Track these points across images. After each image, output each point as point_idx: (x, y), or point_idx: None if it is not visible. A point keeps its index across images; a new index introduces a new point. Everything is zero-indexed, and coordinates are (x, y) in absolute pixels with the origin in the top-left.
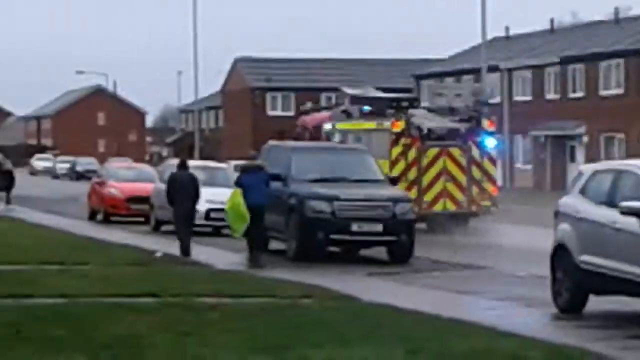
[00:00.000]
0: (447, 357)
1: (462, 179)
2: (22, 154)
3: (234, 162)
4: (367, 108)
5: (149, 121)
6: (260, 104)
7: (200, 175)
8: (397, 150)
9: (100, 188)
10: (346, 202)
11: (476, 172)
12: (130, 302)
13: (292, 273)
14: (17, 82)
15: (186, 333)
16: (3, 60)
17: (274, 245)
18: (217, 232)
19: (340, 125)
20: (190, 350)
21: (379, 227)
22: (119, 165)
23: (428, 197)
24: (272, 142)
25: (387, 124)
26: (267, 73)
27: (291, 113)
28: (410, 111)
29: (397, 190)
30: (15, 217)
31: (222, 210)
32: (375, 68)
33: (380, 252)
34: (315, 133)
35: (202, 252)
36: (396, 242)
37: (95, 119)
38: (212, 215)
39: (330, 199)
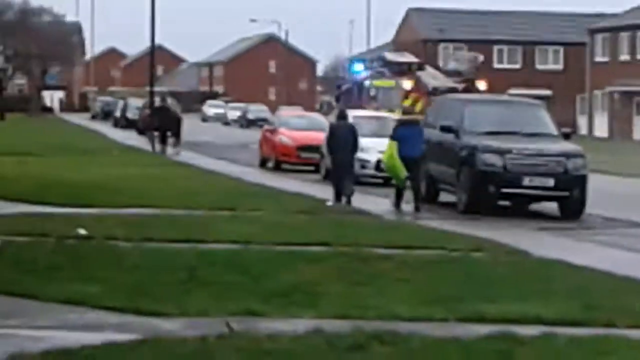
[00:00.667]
0: (626, 313)
1: None
2: (194, 100)
3: None
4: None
5: (320, 70)
6: (432, 56)
7: (371, 126)
8: (407, 102)
9: (272, 136)
10: (518, 156)
11: None
12: (303, 250)
13: (463, 226)
14: (191, 29)
15: (358, 282)
16: (177, 7)
17: (444, 197)
18: (387, 182)
19: (374, 83)
20: (363, 299)
21: (550, 182)
22: (290, 114)
23: None
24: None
25: (402, 82)
26: (440, 24)
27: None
28: (419, 73)
29: (571, 145)
30: (186, 163)
31: None
32: (548, 21)
33: (551, 208)
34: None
35: (373, 202)
36: (568, 198)
37: (266, 67)
38: (382, 165)
39: (502, 152)
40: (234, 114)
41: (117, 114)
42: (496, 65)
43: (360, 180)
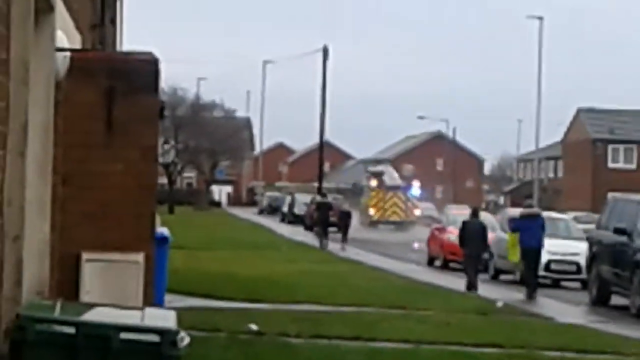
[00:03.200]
0: None
1: (401, 206)
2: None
3: (573, 214)
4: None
5: (487, 169)
6: (601, 156)
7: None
8: (373, 194)
9: (440, 234)
10: None
11: (403, 204)
12: (474, 351)
13: (637, 330)
14: (358, 125)
15: None
16: (345, 104)
17: (617, 300)
18: (556, 284)
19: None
20: None
21: None
22: (458, 212)
23: (386, 214)
24: (616, 195)
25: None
26: (610, 124)
27: (633, 166)
28: (382, 176)
29: None
30: (354, 260)
31: (562, 262)
32: None
33: None
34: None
35: (542, 303)
36: None
37: (433, 165)
38: (553, 266)
39: None
40: None
41: (285, 209)
42: None
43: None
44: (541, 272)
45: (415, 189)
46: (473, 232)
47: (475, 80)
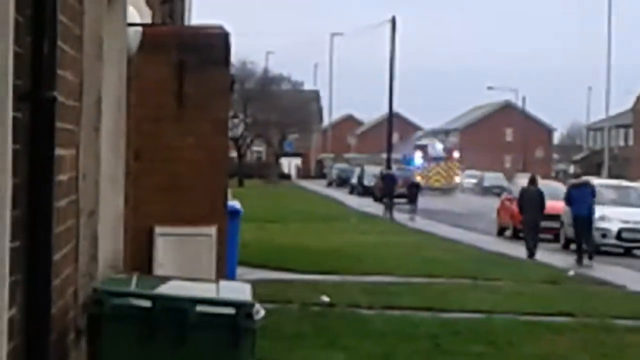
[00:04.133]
0: None
1: (443, 174)
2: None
3: None
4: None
5: (556, 138)
6: None
7: (611, 195)
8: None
9: (510, 204)
10: None
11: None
12: (546, 320)
13: None
14: (427, 96)
15: (605, 355)
16: (414, 75)
17: None
18: (628, 252)
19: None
20: None
21: None
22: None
23: (430, 182)
24: None
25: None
26: None
27: None
28: (426, 149)
29: None
30: (423, 230)
31: (634, 231)
32: None
33: None
34: None
35: (614, 272)
36: None
37: (502, 135)
38: (624, 235)
39: None
40: (469, 182)
41: (354, 181)
42: None
43: (601, 249)
44: (612, 241)
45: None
46: (531, 200)
47: (545, 50)
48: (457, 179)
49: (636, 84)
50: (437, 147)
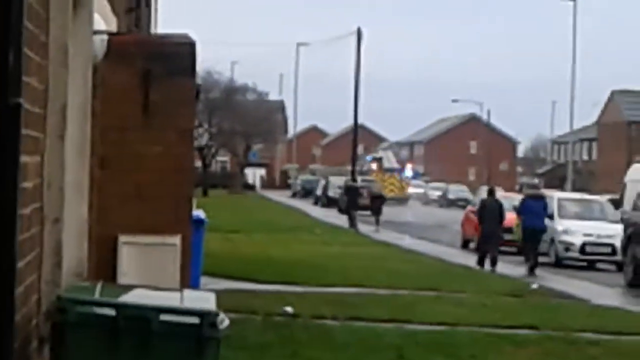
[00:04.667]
0: None
1: (397, 184)
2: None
3: (607, 196)
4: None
5: (520, 151)
6: (636, 138)
7: (575, 208)
8: (374, 175)
9: (474, 216)
10: None
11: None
12: (510, 333)
13: None
14: (392, 108)
15: None
16: (379, 87)
17: None
18: (591, 265)
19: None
20: None
21: None
22: None
23: (384, 191)
24: None
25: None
26: None
27: None
28: (381, 161)
29: None
30: (388, 242)
31: (597, 244)
32: None
33: None
34: None
35: (577, 285)
36: None
37: (467, 147)
38: (587, 249)
39: None
40: (434, 194)
41: (319, 192)
42: None
43: (564, 262)
44: (576, 254)
45: (408, 170)
46: (491, 211)
47: (509, 63)
48: (409, 190)
49: (601, 97)
50: (392, 159)
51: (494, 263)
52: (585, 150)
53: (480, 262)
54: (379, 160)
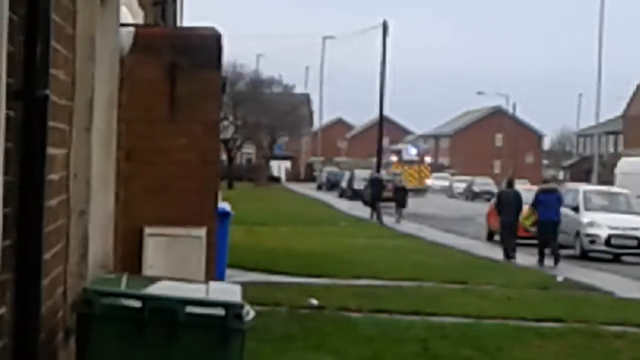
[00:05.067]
0: None
1: (415, 176)
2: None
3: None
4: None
5: (546, 144)
6: None
7: (600, 201)
8: (393, 166)
9: None
10: None
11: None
12: (535, 325)
13: None
14: (418, 101)
15: None
16: (405, 79)
17: None
18: (617, 258)
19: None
20: None
21: None
22: (519, 187)
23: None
24: None
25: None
26: None
27: None
28: (401, 153)
29: None
30: (413, 235)
31: (623, 237)
32: None
33: None
34: None
35: (603, 278)
36: None
37: (492, 140)
38: (613, 241)
39: None
40: (459, 187)
41: (343, 184)
42: None
43: (590, 255)
44: (602, 247)
45: (412, 149)
46: (508, 202)
47: (535, 56)
48: (428, 182)
49: (626, 91)
50: (411, 151)
51: (509, 254)
52: (611, 143)
53: (506, 253)
54: (398, 152)
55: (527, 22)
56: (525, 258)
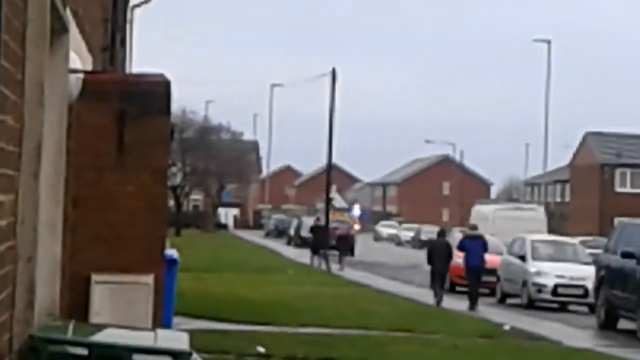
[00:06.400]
0: None
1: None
2: (368, 219)
3: (580, 238)
4: None
5: (494, 192)
6: (609, 180)
7: (547, 250)
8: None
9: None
10: None
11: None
12: None
13: None
14: (365, 148)
15: None
16: (353, 128)
17: (625, 324)
18: (563, 307)
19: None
20: None
21: None
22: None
23: None
24: (624, 220)
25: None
26: (617, 149)
27: None
28: (332, 200)
29: None
30: (360, 283)
31: (569, 286)
32: None
33: None
34: None
35: (549, 327)
36: None
37: (440, 188)
38: (560, 290)
39: None
40: (407, 235)
41: (291, 232)
42: None
43: (536, 304)
44: (548, 296)
45: (356, 209)
46: (439, 251)
47: (482, 104)
48: (357, 227)
49: (574, 139)
50: (340, 200)
51: (438, 303)
52: (558, 191)
53: (438, 303)
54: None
55: (475, 72)
56: (487, 310)
